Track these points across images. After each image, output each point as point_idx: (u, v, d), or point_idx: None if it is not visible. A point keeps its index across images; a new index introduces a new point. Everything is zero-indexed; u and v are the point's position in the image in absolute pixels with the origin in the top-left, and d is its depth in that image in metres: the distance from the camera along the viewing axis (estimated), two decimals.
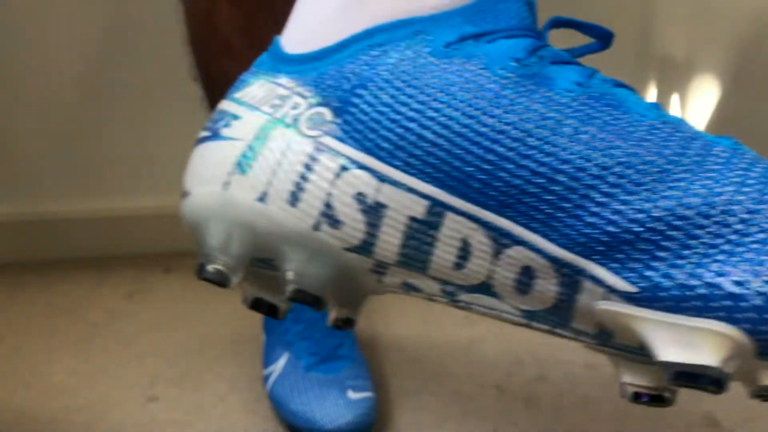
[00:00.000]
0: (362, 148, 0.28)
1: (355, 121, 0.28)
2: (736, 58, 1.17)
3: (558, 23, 0.34)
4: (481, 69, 0.28)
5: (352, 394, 0.61)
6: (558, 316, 0.29)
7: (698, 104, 1.19)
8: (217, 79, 0.64)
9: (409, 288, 0.30)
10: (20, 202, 1.00)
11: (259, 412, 0.67)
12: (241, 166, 0.29)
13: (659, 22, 1.12)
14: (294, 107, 0.29)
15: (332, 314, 0.31)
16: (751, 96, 1.20)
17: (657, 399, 0.28)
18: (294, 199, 0.28)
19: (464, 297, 0.29)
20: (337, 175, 0.28)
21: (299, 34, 0.31)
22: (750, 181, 0.25)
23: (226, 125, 0.31)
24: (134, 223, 1.02)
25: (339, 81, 0.29)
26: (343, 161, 0.28)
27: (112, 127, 0.99)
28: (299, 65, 0.30)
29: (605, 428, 0.65)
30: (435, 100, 0.27)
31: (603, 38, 0.36)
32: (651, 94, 1.15)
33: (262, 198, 0.29)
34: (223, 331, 0.82)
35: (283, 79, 0.30)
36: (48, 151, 0.99)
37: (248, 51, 0.61)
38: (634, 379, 0.29)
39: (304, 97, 0.29)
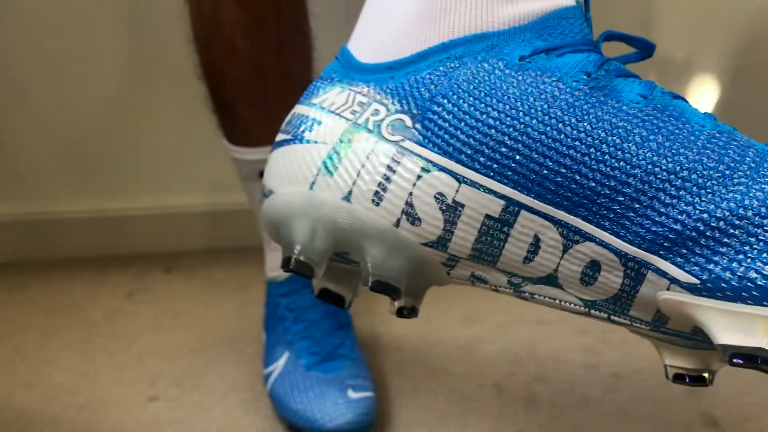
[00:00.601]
0: (442, 152, 0.30)
1: (435, 127, 0.30)
2: (735, 58, 1.17)
3: (610, 37, 0.37)
4: (555, 81, 0.30)
5: (353, 394, 0.61)
6: (618, 305, 0.32)
7: (696, 104, 1.19)
8: (222, 78, 0.65)
9: (476, 279, 0.33)
10: (21, 202, 1.00)
11: (260, 412, 0.67)
12: (327, 167, 0.31)
13: (658, 22, 1.12)
14: (374, 113, 0.31)
15: (398, 303, 0.34)
16: (751, 96, 1.20)
17: (697, 380, 0.33)
18: (378, 198, 0.31)
19: (528, 288, 0.32)
20: (419, 177, 0.30)
21: (371, 44, 0.33)
22: None
23: (309, 129, 0.33)
24: (134, 223, 1.02)
25: (418, 90, 0.31)
26: (424, 164, 0.30)
27: (113, 127, 0.99)
28: (376, 74, 0.32)
29: (604, 428, 0.65)
30: (513, 108, 0.30)
31: (647, 50, 0.38)
32: None
33: (347, 197, 0.31)
34: (224, 331, 0.82)
35: (362, 87, 0.32)
36: (49, 152, 0.99)
37: (253, 51, 0.62)
38: (676, 362, 0.33)
39: (383, 104, 0.31)
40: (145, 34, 0.95)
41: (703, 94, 1.18)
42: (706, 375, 0.33)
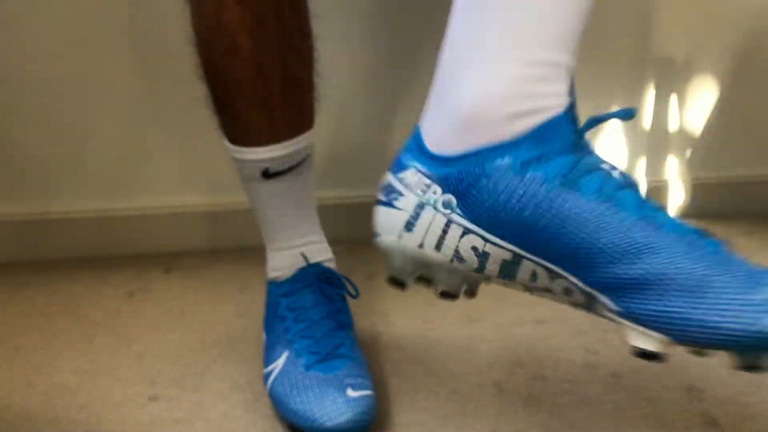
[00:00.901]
0: (475, 221, 0.48)
1: (471, 205, 0.47)
2: (734, 58, 1.17)
3: (596, 121, 0.49)
4: (541, 182, 0.46)
5: (352, 393, 0.61)
6: (585, 306, 0.50)
7: (696, 104, 1.19)
8: (224, 78, 0.65)
9: (502, 284, 0.51)
10: (21, 202, 1.00)
11: (260, 411, 0.67)
12: (408, 227, 0.50)
13: (658, 23, 1.12)
14: (434, 193, 0.49)
15: (456, 298, 0.54)
16: (749, 96, 1.20)
17: (651, 356, 0.46)
18: (438, 246, 0.49)
19: (534, 291, 0.51)
20: (461, 236, 0.48)
21: (433, 139, 0.49)
22: (687, 257, 0.45)
23: (396, 199, 0.50)
24: (135, 223, 1.03)
25: (458, 180, 0.48)
26: (463, 229, 0.48)
27: (114, 127, 0.99)
28: (435, 163, 0.49)
29: (604, 427, 0.66)
30: (514, 199, 0.46)
31: (627, 115, 0.51)
32: (649, 95, 1.16)
33: (420, 246, 0.50)
34: (224, 331, 0.82)
35: (427, 172, 0.49)
36: (49, 152, 0.99)
37: (255, 50, 0.62)
38: (635, 342, 0.47)
39: (440, 186, 0.48)
40: (145, 34, 0.96)
41: (702, 95, 1.18)
42: (660, 354, 0.47)
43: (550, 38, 0.45)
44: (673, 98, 1.17)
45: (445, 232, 0.49)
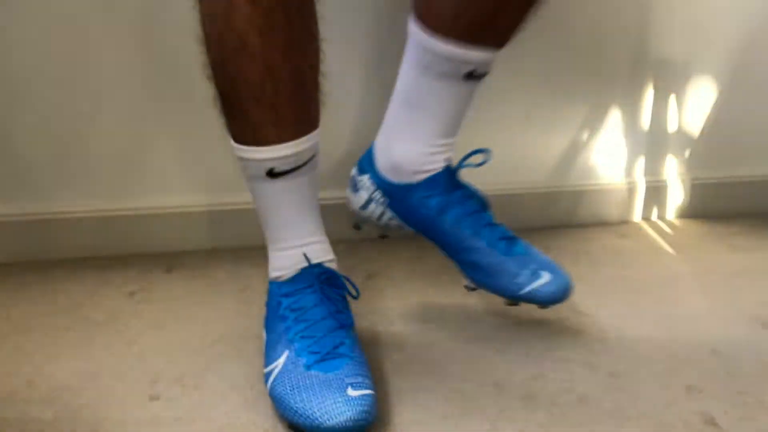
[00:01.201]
0: (396, 214, 0.82)
1: (395, 207, 0.82)
2: (732, 59, 1.17)
3: (455, 169, 0.80)
4: (428, 210, 0.79)
5: (352, 392, 0.62)
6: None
7: (695, 105, 1.19)
8: (233, 77, 0.65)
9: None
10: (23, 202, 1.00)
11: (260, 410, 0.67)
12: (363, 206, 0.83)
13: (656, 24, 1.12)
14: (378, 195, 0.82)
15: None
16: (747, 97, 1.21)
17: (472, 288, 0.82)
18: (378, 218, 0.83)
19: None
20: (389, 217, 0.83)
21: (380, 164, 0.81)
22: (490, 255, 0.79)
23: (358, 189, 0.83)
24: (136, 223, 1.03)
25: (390, 194, 0.81)
26: (390, 214, 0.83)
27: (115, 128, 1.00)
28: (380, 180, 0.81)
29: (603, 426, 0.66)
30: (416, 216, 0.80)
31: (485, 205, 0.83)
32: (648, 95, 1.16)
33: (369, 216, 0.84)
34: (224, 330, 0.82)
35: (375, 182, 0.82)
36: (51, 152, 0.99)
37: (264, 50, 0.62)
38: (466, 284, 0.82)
39: (381, 192, 0.82)
40: (145, 35, 0.96)
41: (700, 96, 1.18)
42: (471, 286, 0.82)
43: (440, 132, 0.77)
44: (672, 99, 1.17)
45: (381, 213, 0.82)
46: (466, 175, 0.81)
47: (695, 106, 1.19)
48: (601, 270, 1.00)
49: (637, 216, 1.22)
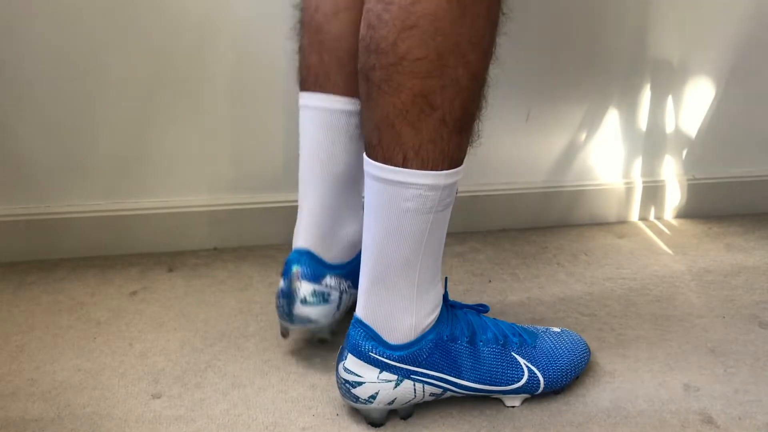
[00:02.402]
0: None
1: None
2: (730, 60, 1.18)
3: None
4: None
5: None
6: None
7: (692, 105, 1.19)
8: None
9: None
10: (25, 201, 1.01)
11: (261, 408, 0.68)
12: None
13: (654, 24, 1.12)
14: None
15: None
16: (744, 97, 1.21)
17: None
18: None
19: None
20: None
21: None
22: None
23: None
24: (138, 223, 1.03)
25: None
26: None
27: (116, 128, 1.00)
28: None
29: (602, 425, 0.66)
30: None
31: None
32: (646, 96, 1.16)
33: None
34: (225, 329, 0.82)
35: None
36: (52, 152, 0.99)
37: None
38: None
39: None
40: (146, 36, 0.96)
41: (698, 96, 1.19)
42: None
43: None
44: (670, 99, 1.18)
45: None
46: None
47: (693, 106, 1.19)
48: (599, 269, 1.01)
49: (634, 216, 1.22)
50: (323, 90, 0.69)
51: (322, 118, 0.70)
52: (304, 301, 0.72)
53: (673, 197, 1.23)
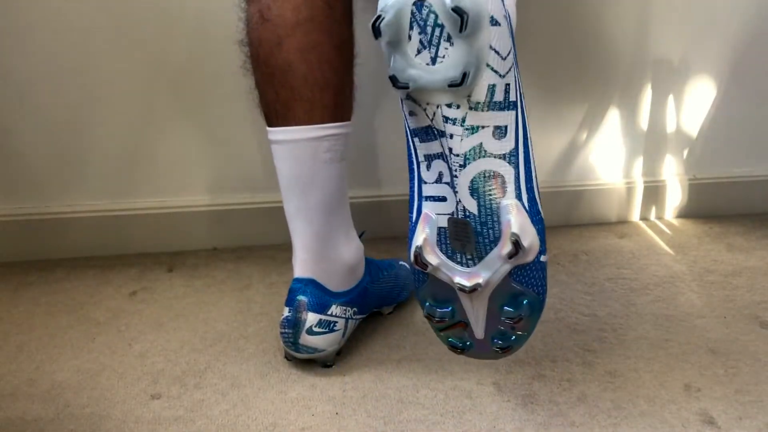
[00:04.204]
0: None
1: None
2: (730, 59, 1.18)
3: None
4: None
5: None
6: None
7: (693, 105, 1.19)
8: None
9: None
10: (24, 201, 1.01)
11: (261, 408, 0.68)
12: (344, 332, 0.77)
13: (655, 24, 1.12)
14: (349, 310, 0.77)
15: None
16: (746, 97, 1.21)
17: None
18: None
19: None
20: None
21: (336, 281, 0.76)
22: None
23: (334, 326, 0.75)
24: (137, 223, 1.03)
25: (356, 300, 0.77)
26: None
27: (116, 129, 1.00)
28: (344, 295, 0.76)
29: (602, 426, 0.66)
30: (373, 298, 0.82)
31: None
32: (647, 96, 1.16)
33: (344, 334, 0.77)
34: (225, 329, 0.82)
35: (343, 302, 0.76)
36: (52, 152, 0.99)
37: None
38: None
39: (349, 307, 0.78)
40: (146, 36, 0.96)
41: (698, 95, 1.19)
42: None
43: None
44: (671, 99, 1.18)
45: (347, 328, 0.77)
46: None
47: (694, 106, 1.19)
48: (600, 269, 1.01)
49: (635, 216, 1.22)
50: (287, 123, 0.70)
51: (291, 150, 0.71)
52: (311, 332, 0.73)
53: (674, 197, 1.23)
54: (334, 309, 0.74)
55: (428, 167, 0.57)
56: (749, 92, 1.20)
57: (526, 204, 0.55)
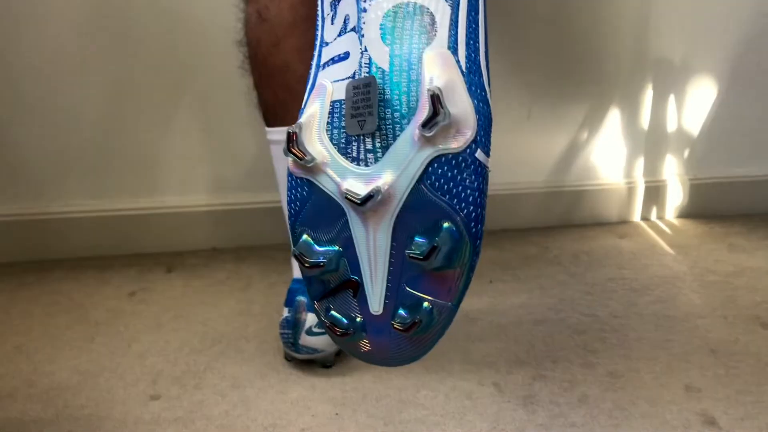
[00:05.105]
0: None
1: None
2: (731, 59, 1.18)
3: None
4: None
5: None
6: None
7: (694, 105, 1.19)
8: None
9: None
10: (23, 202, 1.00)
11: (260, 409, 0.67)
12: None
13: (656, 24, 1.12)
14: None
15: None
16: (746, 97, 1.21)
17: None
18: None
19: None
20: None
21: None
22: None
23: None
24: (136, 223, 1.03)
25: None
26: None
27: (115, 129, 1.00)
28: None
29: (603, 426, 0.66)
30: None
31: None
32: (648, 96, 1.16)
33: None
34: (224, 330, 0.82)
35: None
36: (52, 152, 0.99)
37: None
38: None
39: None
40: (147, 36, 0.96)
41: (699, 95, 1.19)
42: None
43: None
44: (671, 99, 1.17)
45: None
46: None
47: (694, 106, 1.19)
48: (601, 270, 1.00)
49: (636, 216, 1.22)
50: (285, 123, 0.69)
51: None
52: (310, 332, 0.72)
53: (675, 197, 1.23)
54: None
55: (333, 18, 0.41)
56: (750, 92, 1.20)
57: (463, 63, 0.38)
